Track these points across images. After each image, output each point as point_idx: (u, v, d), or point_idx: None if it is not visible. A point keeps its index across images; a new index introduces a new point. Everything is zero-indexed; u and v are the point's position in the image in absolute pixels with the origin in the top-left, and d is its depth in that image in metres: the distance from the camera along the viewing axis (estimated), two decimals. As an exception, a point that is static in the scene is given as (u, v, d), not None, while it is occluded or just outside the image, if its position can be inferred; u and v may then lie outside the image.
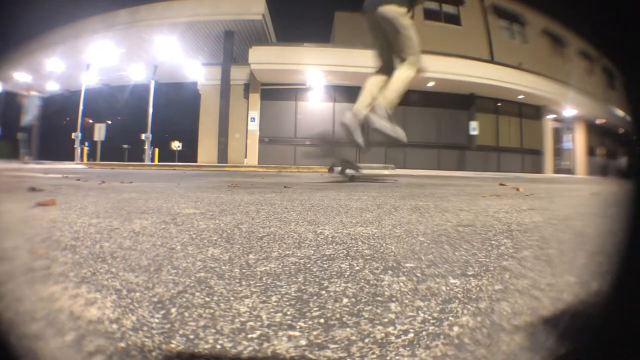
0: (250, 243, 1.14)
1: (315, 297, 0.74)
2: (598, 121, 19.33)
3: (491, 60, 17.97)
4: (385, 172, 12.89)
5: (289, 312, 0.67)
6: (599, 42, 0.63)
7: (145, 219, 1.48)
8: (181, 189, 3.03)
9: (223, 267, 0.90)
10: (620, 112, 0.59)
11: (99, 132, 17.61)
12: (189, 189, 2.98)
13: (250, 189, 3.14)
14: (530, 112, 18.95)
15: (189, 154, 19.98)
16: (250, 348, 0.56)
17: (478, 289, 0.79)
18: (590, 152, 20.26)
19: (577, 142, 20.39)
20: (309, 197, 2.57)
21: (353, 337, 0.59)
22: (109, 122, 20.32)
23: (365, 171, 6.08)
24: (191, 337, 0.58)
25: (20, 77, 17.12)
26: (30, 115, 12.43)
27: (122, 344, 0.54)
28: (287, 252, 1.05)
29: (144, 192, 2.55)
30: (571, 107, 18.21)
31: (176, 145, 22.82)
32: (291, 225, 1.47)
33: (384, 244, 1.19)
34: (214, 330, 0.60)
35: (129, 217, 1.47)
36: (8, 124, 16.28)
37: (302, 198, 2.49)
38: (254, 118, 17.61)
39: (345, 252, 1.08)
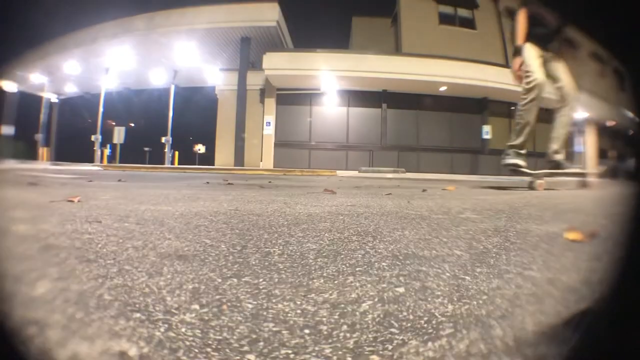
0: (184, 216, 1.75)
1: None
2: (608, 123, 18.61)
3: (505, 64, 17.68)
4: (389, 175, 12.96)
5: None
6: (611, 44, 0.65)
7: (135, 199, 2.43)
8: (169, 187, 3.71)
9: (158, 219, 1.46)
10: (630, 114, 0.60)
11: (118, 134, 18.40)
12: (175, 187, 3.72)
13: (223, 188, 3.81)
14: (542, 115, 18.39)
15: (210, 157, 20.56)
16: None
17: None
18: (601, 154, 19.54)
19: (588, 144, 19.69)
20: (253, 193, 3.18)
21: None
22: (132, 124, 21.24)
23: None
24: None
25: (36, 78, 18.10)
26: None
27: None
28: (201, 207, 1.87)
29: (143, 188, 3.49)
30: (582, 109, 17.61)
31: (199, 148, 23.47)
32: (216, 202, 2.24)
33: (249, 214, 1.85)
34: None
35: (133, 198, 2.39)
36: (24, 125, 17.36)
37: (250, 193, 3.16)
38: (269, 122, 17.99)
39: (231, 214, 1.76)
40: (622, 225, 0.53)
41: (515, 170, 4.83)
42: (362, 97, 17.90)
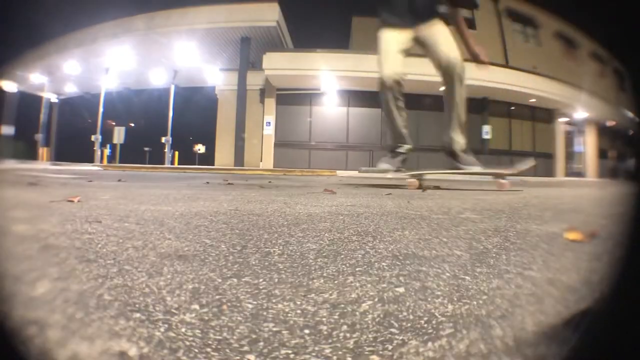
0: (184, 217, 1.76)
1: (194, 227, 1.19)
2: (608, 123, 18.76)
3: (505, 64, 17.70)
4: (389, 175, 12.95)
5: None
6: (610, 43, 0.65)
7: (135, 199, 2.46)
8: (169, 187, 3.74)
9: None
10: (630, 114, 0.60)
11: (118, 134, 18.42)
12: (175, 187, 3.77)
13: (223, 188, 3.85)
14: (542, 115, 18.53)
15: (210, 157, 20.60)
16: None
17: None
18: (601, 154, 19.74)
19: (588, 144, 19.88)
20: (253, 193, 3.27)
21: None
22: (132, 124, 21.24)
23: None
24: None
25: (36, 78, 18.09)
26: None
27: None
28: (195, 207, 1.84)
29: (143, 188, 3.52)
30: (582, 109, 17.74)
31: (199, 148, 23.47)
32: (216, 202, 2.32)
33: (249, 214, 1.73)
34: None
35: (133, 198, 2.39)
36: (24, 125, 17.40)
37: (250, 193, 3.24)
38: (269, 122, 18.00)
39: (231, 214, 1.82)
40: (622, 225, 0.53)
41: (387, 173, 4.53)
42: (362, 97, 17.89)
